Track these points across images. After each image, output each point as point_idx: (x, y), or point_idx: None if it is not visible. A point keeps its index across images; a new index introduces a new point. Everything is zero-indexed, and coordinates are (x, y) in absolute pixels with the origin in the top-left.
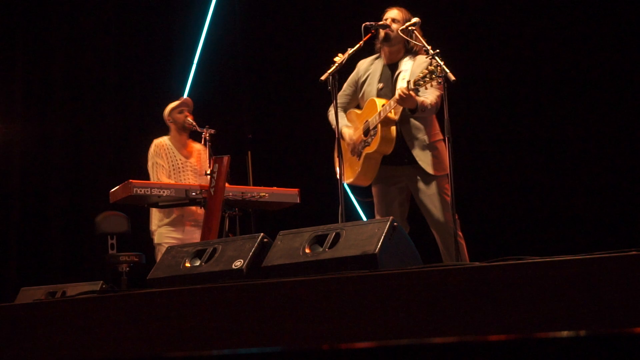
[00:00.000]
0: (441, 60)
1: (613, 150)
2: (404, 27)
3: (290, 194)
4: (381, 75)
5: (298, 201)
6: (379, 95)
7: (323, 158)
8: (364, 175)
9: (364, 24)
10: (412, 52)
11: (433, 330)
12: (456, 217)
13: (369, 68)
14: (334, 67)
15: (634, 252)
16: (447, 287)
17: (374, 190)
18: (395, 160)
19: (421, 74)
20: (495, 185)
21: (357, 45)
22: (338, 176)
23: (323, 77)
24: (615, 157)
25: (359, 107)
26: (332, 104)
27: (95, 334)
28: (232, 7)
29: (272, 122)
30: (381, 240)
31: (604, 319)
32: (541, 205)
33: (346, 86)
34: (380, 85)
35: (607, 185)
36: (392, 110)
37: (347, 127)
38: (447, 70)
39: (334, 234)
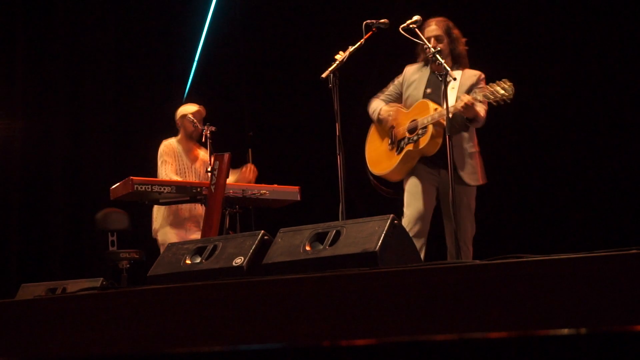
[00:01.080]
0: (442, 58)
1: (614, 149)
2: (405, 25)
3: (290, 192)
4: (428, 81)
5: (299, 199)
6: (426, 98)
7: (324, 155)
8: (398, 171)
9: (364, 22)
10: (459, 62)
11: (433, 327)
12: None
13: (416, 73)
14: (334, 65)
15: (634, 251)
16: (447, 285)
17: (407, 181)
18: (432, 163)
19: (490, 92)
20: (495, 184)
21: (358, 44)
22: (372, 169)
23: (324, 75)
24: (616, 156)
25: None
26: (374, 98)
27: (95, 330)
28: (233, 4)
29: (273, 119)
30: (382, 238)
31: (605, 316)
32: (541, 203)
33: (392, 87)
34: (429, 90)
35: (607, 183)
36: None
37: (388, 107)
38: (449, 69)
39: (334, 231)
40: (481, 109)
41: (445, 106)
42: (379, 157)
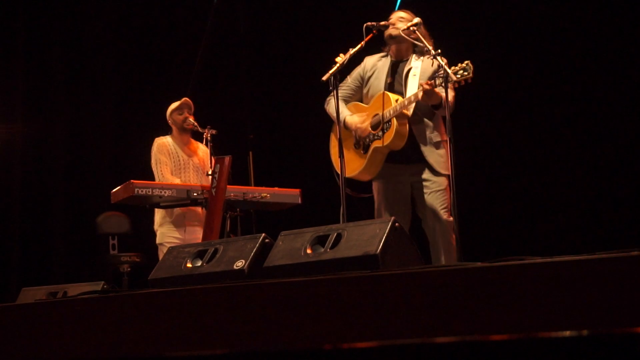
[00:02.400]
0: (442, 60)
1: (615, 150)
2: (405, 27)
3: (291, 195)
4: (389, 71)
5: (299, 202)
6: (386, 90)
7: (324, 158)
8: (368, 170)
9: (365, 24)
10: (420, 50)
11: (435, 330)
12: (451, 219)
13: (377, 64)
14: (335, 68)
15: (635, 253)
16: (449, 287)
17: (375, 186)
18: (401, 158)
19: (440, 76)
20: (496, 186)
21: (359, 46)
22: (339, 171)
23: (324, 78)
24: (617, 157)
25: (360, 101)
26: (332, 94)
27: (96, 334)
28: (235, 7)
29: (274, 122)
30: (383, 240)
31: (607, 318)
32: (542, 204)
33: (351, 80)
34: (389, 80)
35: (608, 185)
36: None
37: (351, 116)
38: (449, 71)
39: (335, 234)
40: (446, 94)
41: (405, 95)
42: (346, 159)
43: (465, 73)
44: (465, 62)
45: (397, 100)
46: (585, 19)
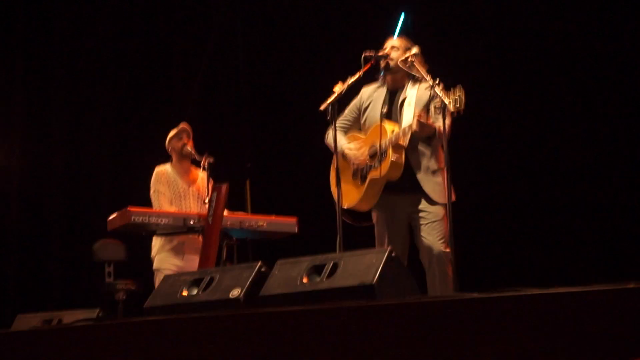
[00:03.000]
0: (441, 90)
1: (612, 182)
2: (403, 58)
3: (288, 223)
4: (384, 100)
5: (296, 230)
6: (382, 120)
7: (322, 187)
8: (366, 200)
9: (363, 54)
10: (415, 77)
11: (431, 359)
12: (448, 249)
13: (372, 94)
14: (333, 97)
15: (632, 286)
16: (446, 317)
17: (375, 216)
18: (397, 188)
19: (435, 104)
20: (495, 215)
21: (357, 75)
22: (336, 200)
23: (322, 107)
24: (615, 187)
25: (359, 131)
26: (331, 127)
27: None
28: (234, 35)
29: (271, 150)
30: (379, 270)
31: (603, 350)
32: (541, 234)
33: (348, 111)
34: (385, 109)
35: (606, 216)
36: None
37: (350, 149)
38: (447, 102)
39: (331, 263)
40: (439, 125)
41: (400, 125)
42: (344, 189)
43: (457, 105)
44: (458, 93)
45: (392, 131)
46: (587, 31)
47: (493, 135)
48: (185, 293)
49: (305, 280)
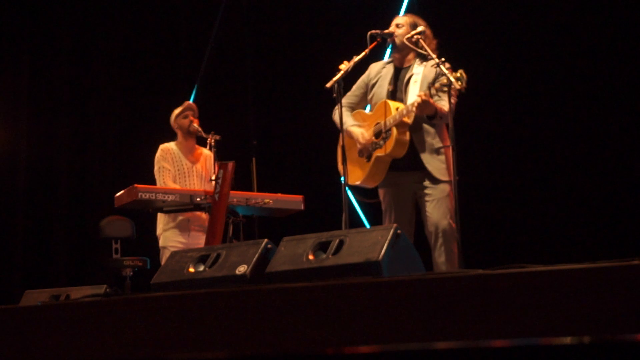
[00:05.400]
0: (447, 68)
1: (617, 158)
2: (409, 35)
3: (294, 201)
4: (392, 78)
5: (302, 208)
6: (388, 98)
7: (327, 164)
8: (372, 178)
9: (369, 32)
10: (423, 56)
11: (436, 335)
12: (454, 225)
13: (381, 71)
14: (339, 75)
15: (636, 262)
16: (451, 294)
17: (381, 193)
18: (402, 165)
19: (439, 83)
20: (499, 192)
21: (363, 54)
22: (342, 178)
23: (328, 85)
24: (620, 165)
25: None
26: (337, 105)
27: (98, 337)
28: (240, 14)
29: (277, 128)
30: (385, 247)
31: (608, 325)
32: (546, 211)
33: (356, 87)
34: (391, 87)
35: (611, 192)
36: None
37: (356, 126)
38: (453, 80)
39: (337, 240)
40: (445, 105)
41: (406, 102)
42: (350, 167)
43: (459, 83)
44: (459, 71)
45: (397, 109)
46: (588, 27)
47: (498, 113)
48: (191, 269)
49: (311, 257)
